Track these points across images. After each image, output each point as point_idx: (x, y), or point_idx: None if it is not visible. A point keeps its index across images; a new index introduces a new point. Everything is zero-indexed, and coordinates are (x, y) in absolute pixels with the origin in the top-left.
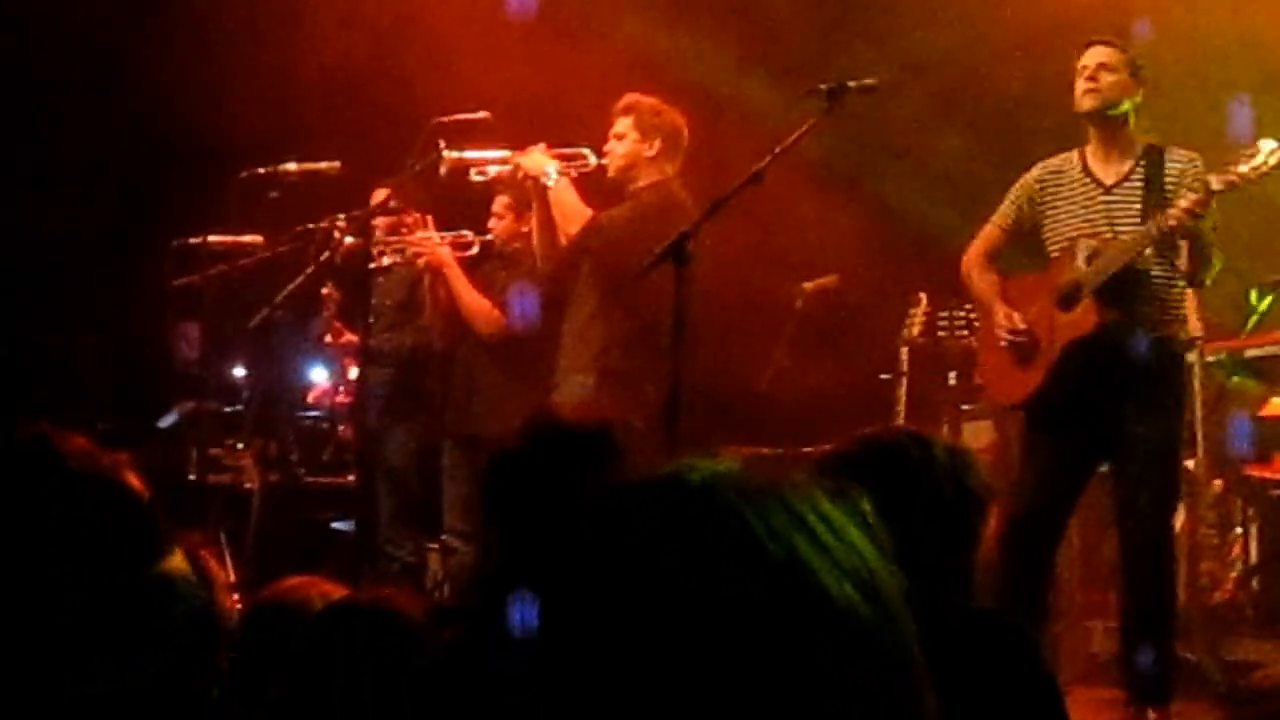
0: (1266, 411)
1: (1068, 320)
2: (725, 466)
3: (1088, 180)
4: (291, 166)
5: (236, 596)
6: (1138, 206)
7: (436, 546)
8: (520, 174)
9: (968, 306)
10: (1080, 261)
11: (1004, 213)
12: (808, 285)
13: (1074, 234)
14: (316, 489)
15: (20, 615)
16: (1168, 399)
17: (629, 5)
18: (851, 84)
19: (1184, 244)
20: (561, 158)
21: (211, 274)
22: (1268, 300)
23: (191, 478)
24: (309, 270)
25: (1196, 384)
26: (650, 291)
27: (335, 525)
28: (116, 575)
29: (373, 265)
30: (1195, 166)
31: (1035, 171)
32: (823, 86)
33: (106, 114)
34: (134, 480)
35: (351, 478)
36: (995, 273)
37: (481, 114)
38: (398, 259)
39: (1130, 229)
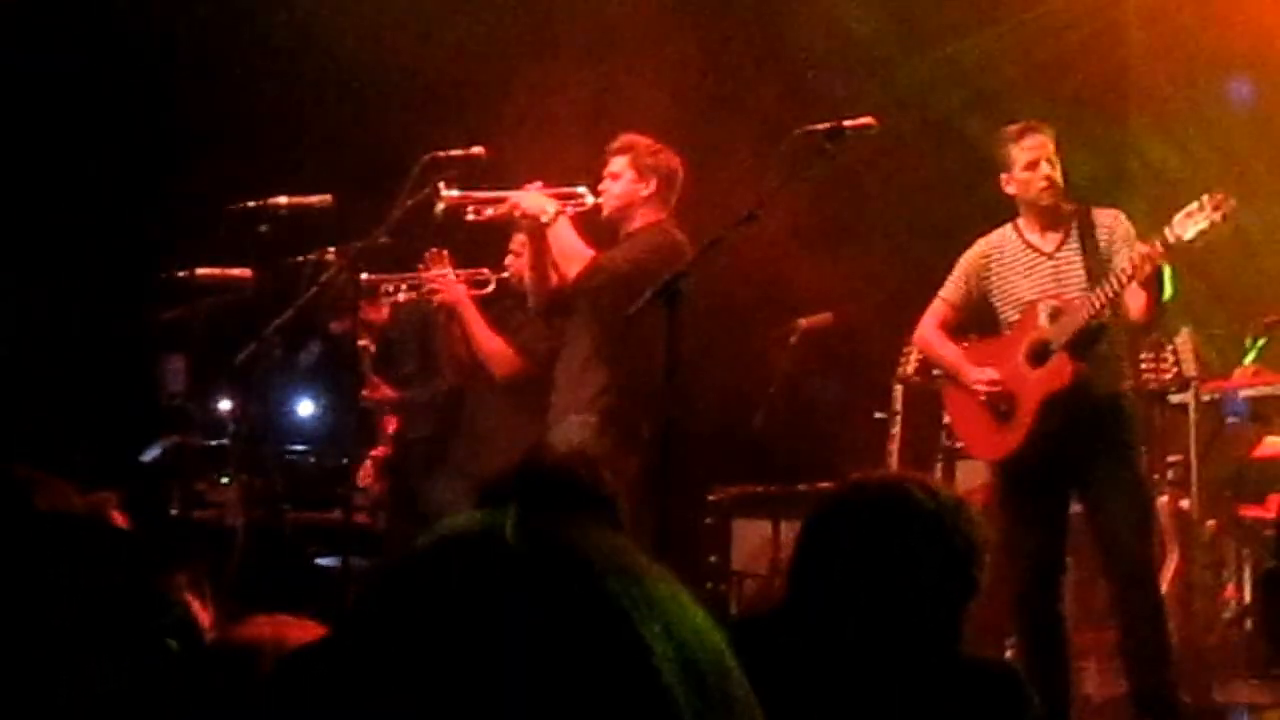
0: (1260, 452)
1: (1041, 375)
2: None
3: (1029, 250)
4: (282, 200)
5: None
6: (1080, 268)
7: None
8: (518, 213)
9: (965, 345)
10: (1044, 320)
11: (951, 289)
12: (802, 323)
13: (1026, 300)
14: (301, 525)
15: None
16: (1131, 438)
17: (627, 45)
18: (848, 125)
19: (1143, 293)
20: (558, 197)
21: (199, 307)
22: (1261, 342)
23: (175, 512)
24: (298, 304)
25: (1192, 424)
26: (648, 333)
27: (319, 562)
28: (89, 615)
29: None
30: (1122, 223)
31: (978, 248)
32: (820, 128)
33: (93, 146)
34: (117, 519)
35: (337, 513)
36: (953, 342)
37: (476, 149)
38: (413, 296)
39: (1078, 290)
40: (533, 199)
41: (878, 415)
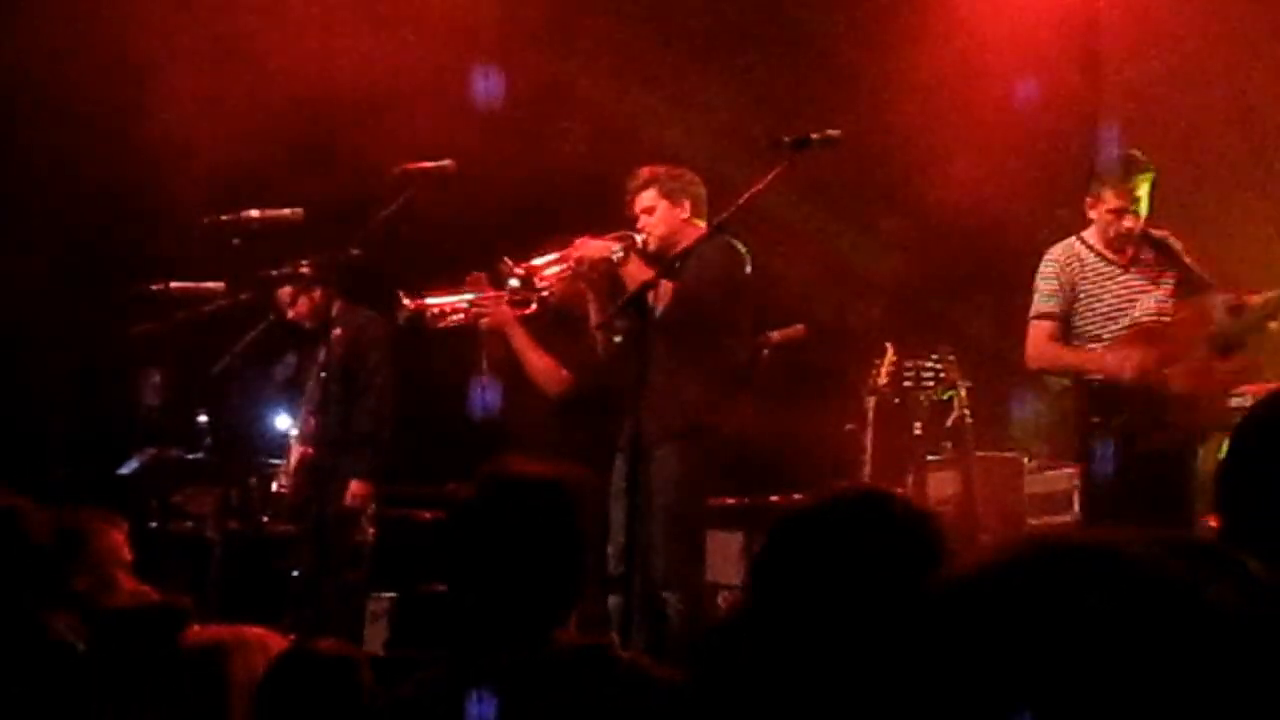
0: None
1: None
2: None
3: (1103, 262)
4: (254, 213)
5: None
6: (1153, 281)
7: None
8: (585, 266)
9: (934, 357)
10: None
11: (1051, 303)
12: (774, 335)
13: (1105, 311)
14: (278, 537)
15: None
16: None
17: (589, 65)
18: (814, 136)
19: None
20: (612, 239)
21: (173, 321)
22: None
23: (153, 525)
24: (271, 317)
25: None
26: (730, 346)
27: (297, 573)
28: None
29: (441, 325)
30: (1176, 240)
31: (1060, 258)
32: (786, 139)
33: (68, 160)
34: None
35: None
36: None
37: (446, 162)
38: (460, 318)
39: (1154, 302)
40: (595, 246)
41: (849, 427)
